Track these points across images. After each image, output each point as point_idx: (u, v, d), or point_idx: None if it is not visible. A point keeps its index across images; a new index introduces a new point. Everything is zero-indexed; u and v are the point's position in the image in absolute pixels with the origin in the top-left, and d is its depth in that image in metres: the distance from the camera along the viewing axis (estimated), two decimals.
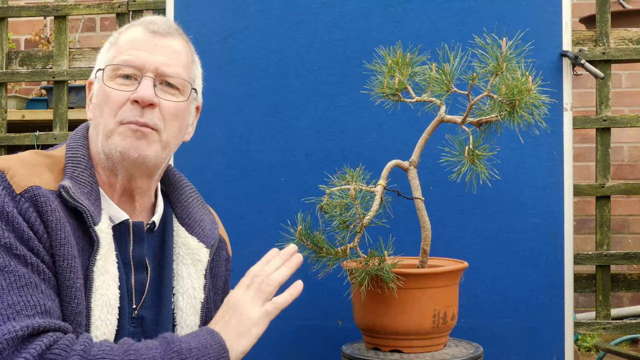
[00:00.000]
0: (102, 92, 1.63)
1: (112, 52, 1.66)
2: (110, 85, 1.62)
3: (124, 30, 1.70)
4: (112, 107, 1.61)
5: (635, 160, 4.31)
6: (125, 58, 1.63)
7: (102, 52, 1.70)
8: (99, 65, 1.68)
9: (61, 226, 1.50)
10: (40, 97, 3.88)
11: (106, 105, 1.62)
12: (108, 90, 1.62)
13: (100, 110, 1.63)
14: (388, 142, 2.46)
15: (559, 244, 2.44)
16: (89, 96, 1.70)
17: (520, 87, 1.87)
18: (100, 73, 1.66)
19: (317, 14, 2.52)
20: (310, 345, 2.46)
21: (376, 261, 1.91)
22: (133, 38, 1.66)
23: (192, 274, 1.75)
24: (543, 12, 2.46)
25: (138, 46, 1.64)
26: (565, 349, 2.43)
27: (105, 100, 1.62)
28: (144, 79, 1.62)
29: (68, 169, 1.59)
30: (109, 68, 1.64)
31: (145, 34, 1.66)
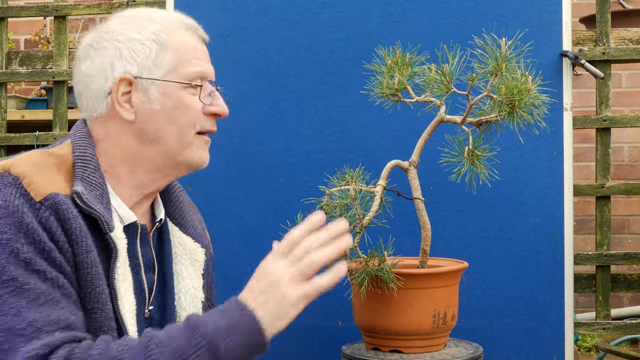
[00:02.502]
0: (176, 101, 1.59)
1: (169, 57, 1.60)
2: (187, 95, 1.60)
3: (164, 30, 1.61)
4: (192, 117, 1.60)
5: (635, 160, 4.31)
6: (198, 70, 1.61)
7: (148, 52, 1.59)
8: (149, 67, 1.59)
9: (84, 234, 1.47)
10: (40, 97, 3.88)
11: (183, 115, 1.59)
12: (187, 101, 1.60)
13: (172, 118, 1.59)
14: (388, 142, 2.46)
15: (559, 244, 2.44)
16: (121, 94, 1.59)
17: (520, 87, 1.87)
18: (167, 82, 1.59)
19: (317, 14, 2.52)
20: (310, 345, 2.46)
21: (376, 261, 1.91)
22: (191, 45, 1.63)
23: (191, 274, 1.74)
24: (543, 12, 2.46)
25: (200, 56, 1.64)
26: (565, 349, 2.43)
27: (183, 110, 1.59)
28: (216, 92, 1.64)
29: (78, 169, 1.54)
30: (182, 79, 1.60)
31: (198, 41, 1.65)
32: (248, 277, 2.56)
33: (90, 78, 1.60)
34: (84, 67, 1.61)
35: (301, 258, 1.47)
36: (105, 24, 1.64)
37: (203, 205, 1.97)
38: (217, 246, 1.89)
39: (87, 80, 1.61)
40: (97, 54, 1.60)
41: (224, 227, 2.45)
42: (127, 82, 1.58)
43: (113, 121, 1.60)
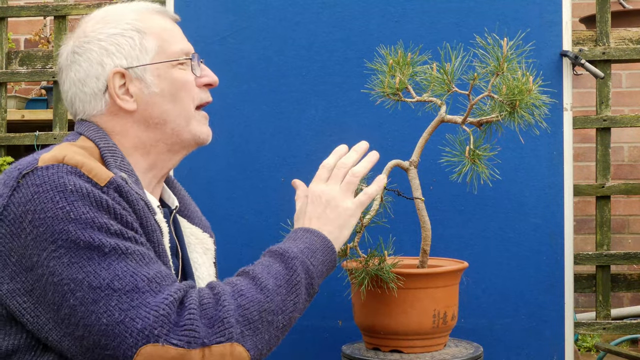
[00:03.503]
0: (171, 80, 1.63)
1: (152, 42, 1.63)
2: (178, 72, 1.65)
3: (139, 18, 1.65)
4: (190, 92, 1.65)
5: (635, 160, 4.31)
6: (182, 47, 1.67)
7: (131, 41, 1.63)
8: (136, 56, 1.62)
9: (147, 214, 1.51)
10: (40, 97, 3.88)
11: (183, 91, 1.64)
12: (181, 78, 1.64)
13: (172, 97, 1.63)
14: (388, 142, 2.46)
15: (559, 244, 2.44)
16: (118, 86, 1.62)
17: (520, 87, 1.87)
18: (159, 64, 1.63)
19: (317, 14, 2.52)
20: (310, 345, 2.46)
21: (376, 261, 1.91)
22: (167, 27, 1.68)
23: (205, 262, 1.78)
24: (543, 12, 2.46)
25: (177, 34, 1.69)
26: (565, 349, 2.43)
27: (179, 87, 1.64)
28: (201, 63, 1.69)
29: (109, 159, 1.56)
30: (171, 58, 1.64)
31: (171, 22, 1.70)
32: None
33: (82, 82, 1.63)
34: (73, 74, 1.63)
35: (342, 176, 1.68)
36: (78, 31, 1.67)
37: (203, 205, 1.97)
38: (220, 246, 1.89)
39: (79, 85, 1.63)
40: (84, 57, 1.63)
41: (224, 227, 2.45)
42: (120, 75, 1.61)
43: (114, 115, 1.63)
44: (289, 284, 1.49)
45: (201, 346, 1.36)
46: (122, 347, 1.35)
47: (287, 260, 1.51)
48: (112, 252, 1.39)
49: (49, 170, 1.43)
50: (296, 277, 1.50)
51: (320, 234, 1.60)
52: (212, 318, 1.39)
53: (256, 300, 1.44)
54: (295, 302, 1.50)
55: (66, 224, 1.39)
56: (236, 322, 1.40)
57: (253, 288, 1.45)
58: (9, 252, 1.42)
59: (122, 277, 1.38)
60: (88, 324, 1.37)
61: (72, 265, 1.38)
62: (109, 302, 1.36)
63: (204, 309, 1.39)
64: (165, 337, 1.34)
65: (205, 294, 1.42)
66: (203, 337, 1.36)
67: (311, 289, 1.55)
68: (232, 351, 1.38)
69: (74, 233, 1.39)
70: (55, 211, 1.39)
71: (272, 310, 1.45)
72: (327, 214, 1.64)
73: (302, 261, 1.53)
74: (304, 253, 1.54)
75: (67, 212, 1.40)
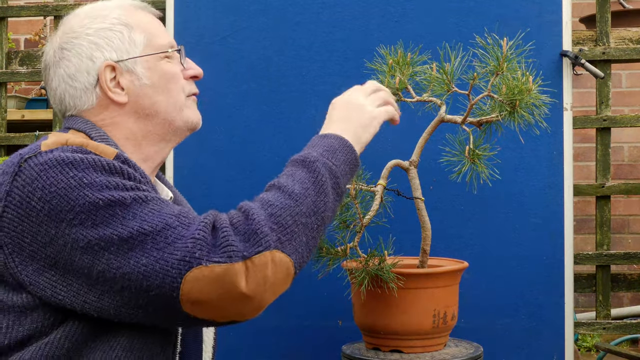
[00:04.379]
0: (161, 72, 1.66)
1: (140, 36, 1.66)
2: (167, 64, 1.68)
3: (124, 13, 1.68)
4: (179, 83, 1.69)
5: (635, 160, 4.31)
6: (169, 41, 1.70)
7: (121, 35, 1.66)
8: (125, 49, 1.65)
9: (154, 187, 1.53)
10: (40, 97, 3.87)
11: (171, 83, 1.67)
12: (169, 69, 1.68)
13: (163, 88, 1.66)
14: (388, 141, 2.46)
15: (559, 244, 2.44)
16: (109, 79, 1.64)
17: (520, 87, 1.87)
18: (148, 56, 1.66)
19: (317, 14, 2.52)
20: (310, 345, 2.46)
21: (376, 261, 1.91)
22: (150, 21, 1.71)
23: None
24: (543, 11, 2.46)
25: (161, 28, 1.72)
26: (565, 349, 2.43)
27: (169, 79, 1.67)
28: (187, 58, 1.72)
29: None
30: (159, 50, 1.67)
31: (153, 17, 1.73)
32: None
33: (72, 77, 1.64)
34: (63, 70, 1.64)
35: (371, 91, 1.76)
36: (63, 28, 1.68)
37: (203, 205, 1.96)
38: None
39: (69, 80, 1.64)
40: (73, 52, 1.64)
41: None
42: (111, 69, 1.63)
43: (104, 109, 1.64)
44: (315, 186, 1.51)
45: (242, 259, 1.37)
46: (167, 282, 1.35)
47: (309, 164, 1.54)
48: (133, 202, 1.41)
49: (54, 152, 1.44)
50: (321, 178, 1.53)
51: (336, 135, 1.64)
52: (245, 233, 1.40)
53: (286, 206, 1.45)
54: (325, 202, 1.51)
55: (81, 190, 1.40)
56: (270, 230, 1.41)
57: (281, 196, 1.47)
58: (21, 234, 1.41)
59: (150, 220, 1.39)
60: (126, 272, 1.37)
61: (96, 226, 1.38)
62: (144, 246, 1.37)
63: (236, 227, 1.40)
64: (207, 258, 1.35)
65: (233, 215, 1.44)
66: (242, 250, 1.37)
67: (338, 188, 1.56)
68: (273, 258, 1.40)
69: (91, 196, 1.39)
70: (67, 181, 1.40)
71: (304, 213, 1.47)
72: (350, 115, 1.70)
73: (323, 163, 1.55)
74: (324, 155, 1.58)
75: (80, 179, 1.40)
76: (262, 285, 1.39)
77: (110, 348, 1.44)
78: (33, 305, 1.43)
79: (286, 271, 1.43)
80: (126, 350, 1.44)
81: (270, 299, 1.44)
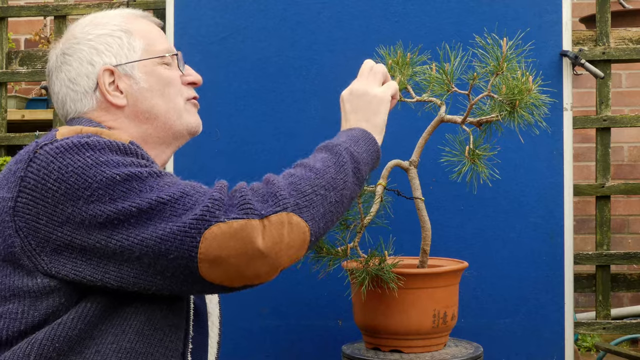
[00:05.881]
0: (158, 77, 1.70)
1: (139, 40, 1.70)
2: (165, 70, 1.71)
3: (125, 21, 1.72)
4: (176, 88, 1.72)
5: (635, 160, 4.31)
6: (167, 47, 1.73)
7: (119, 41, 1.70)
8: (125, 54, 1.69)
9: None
10: (40, 97, 3.87)
11: (169, 88, 1.70)
12: (168, 75, 1.71)
13: (160, 92, 1.69)
14: (388, 142, 2.46)
15: (559, 243, 2.44)
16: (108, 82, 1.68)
17: (520, 87, 1.87)
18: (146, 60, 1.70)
19: (317, 14, 2.52)
20: (310, 345, 2.46)
21: (376, 261, 1.91)
22: (152, 29, 1.75)
23: None
24: (543, 11, 2.46)
25: (160, 35, 1.75)
26: (565, 349, 2.43)
27: (167, 84, 1.70)
28: (185, 63, 1.76)
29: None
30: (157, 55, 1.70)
31: (153, 25, 1.76)
32: None
33: (72, 81, 1.69)
34: (64, 74, 1.70)
35: (367, 73, 1.82)
36: (66, 35, 1.74)
37: None
38: None
39: (70, 84, 1.69)
40: (74, 58, 1.69)
41: None
42: (110, 73, 1.67)
43: (106, 111, 1.68)
44: (336, 165, 1.56)
45: (259, 217, 1.41)
46: (186, 242, 1.39)
47: (332, 148, 1.60)
48: (149, 176, 1.44)
49: (70, 138, 1.48)
50: (342, 159, 1.58)
51: (358, 127, 1.72)
52: (264, 195, 1.44)
53: (306, 177, 1.50)
54: (344, 181, 1.56)
55: (98, 168, 1.43)
56: (289, 194, 1.45)
57: (302, 169, 1.53)
58: (36, 217, 1.44)
59: (168, 190, 1.43)
60: (145, 239, 1.40)
61: (114, 200, 1.41)
62: (162, 215, 1.40)
63: (255, 190, 1.45)
64: (225, 215, 1.39)
65: (254, 183, 1.49)
66: (259, 209, 1.41)
67: (358, 173, 1.61)
68: (289, 220, 1.43)
69: (108, 172, 1.43)
70: (84, 161, 1.44)
71: (323, 186, 1.51)
72: (359, 105, 1.76)
73: (345, 147, 1.61)
74: (347, 142, 1.64)
75: (96, 158, 1.44)
76: (278, 244, 1.42)
77: (122, 332, 1.46)
78: (49, 289, 1.46)
79: (302, 236, 1.46)
80: (138, 334, 1.47)
81: (285, 262, 1.45)
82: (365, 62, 1.85)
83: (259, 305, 2.47)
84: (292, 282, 2.43)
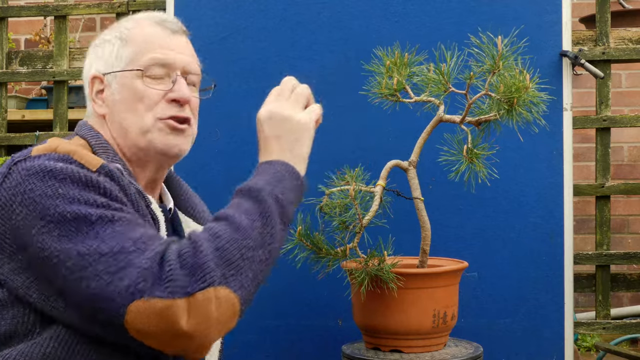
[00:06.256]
0: (132, 90, 1.63)
1: (129, 50, 1.65)
2: (142, 83, 1.63)
3: (132, 27, 1.68)
4: (147, 105, 1.63)
5: (635, 160, 4.31)
6: (155, 56, 1.64)
7: (111, 48, 1.67)
8: (112, 62, 1.66)
9: (139, 198, 1.53)
10: (40, 97, 3.88)
11: (140, 103, 1.63)
12: (140, 88, 1.63)
13: (129, 106, 1.63)
14: (387, 142, 2.46)
15: (559, 243, 2.44)
16: (95, 91, 1.68)
17: (518, 84, 1.87)
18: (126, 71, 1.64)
19: (317, 14, 2.52)
20: (310, 345, 2.46)
21: (376, 261, 1.92)
22: (153, 36, 1.67)
23: None
24: (543, 11, 2.46)
25: (163, 45, 1.66)
26: (565, 349, 2.43)
27: (139, 98, 1.63)
28: (178, 78, 1.65)
29: (101, 154, 1.59)
30: (139, 66, 1.63)
31: (164, 32, 1.68)
32: None
33: (84, 83, 1.72)
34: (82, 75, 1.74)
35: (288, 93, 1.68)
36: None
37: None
38: None
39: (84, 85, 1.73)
40: (85, 61, 1.73)
41: None
42: (99, 80, 1.67)
43: (98, 118, 1.68)
44: (262, 217, 1.47)
45: (185, 295, 1.35)
46: (113, 308, 1.36)
47: (255, 194, 1.50)
48: (98, 220, 1.41)
49: (41, 158, 1.47)
50: (268, 209, 1.48)
51: (281, 162, 1.58)
52: (192, 266, 1.37)
53: (233, 240, 1.42)
54: (272, 234, 1.47)
55: (54, 200, 1.41)
56: (216, 265, 1.38)
57: (228, 228, 1.44)
58: (3, 234, 1.45)
59: (109, 241, 1.39)
60: (81, 290, 1.38)
61: (61, 237, 1.40)
62: (96, 267, 1.37)
63: (183, 259, 1.38)
64: (149, 291, 1.35)
65: (184, 245, 1.41)
66: (185, 286, 1.35)
67: (285, 217, 1.52)
68: (217, 295, 1.37)
69: (61, 207, 1.41)
70: (44, 189, 1.43)
71: (250, 247, 1.43)
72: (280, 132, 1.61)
73: (269, 192, 1.50)
74: (270, 183, 1.52)
75: (56, 189, 1.42)
76: (204, 323, 1.37)
77: (100, 354, 1.44)
78: (10, 300, 1.46)
79: (232, 308, 1.40)
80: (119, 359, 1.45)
81: (215, 337, 1.40)
82: (286, 80, 1.72)
83: (259, 305, 2.47)
84: (292, 282, 2.43)
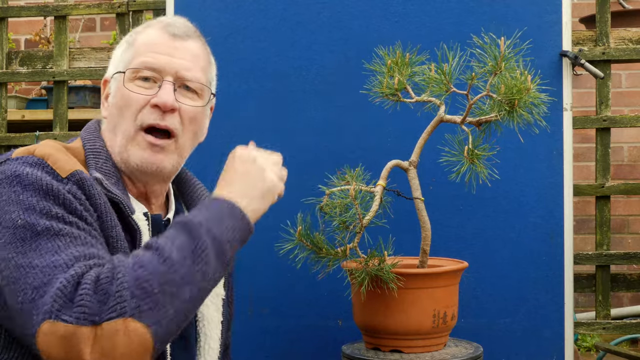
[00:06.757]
0: (121, 94, 1.62)
1: (130, 53, 1.65)
2: (129, 87, 1.61)
3: (141, 31, 1.68)
4: (132, 109, 1.61)
5: (635, 160, 4.31)
6: (145, 60, 1.62)
7: (119, 51, 1.69)
8: (116, 65, 1.67)
9: (109, 210, 1.51)
10: (40, 97, 3.88)
11: (126, 108, 1.61)
12: (127, 93, 1.61)
13: (119, 111, 1.62)
14: (388, 142, 2.46)
15: (559, 243, 2.44)
16: (104, 94, 1.70)
17: (519, 86, 1.87)
18: (118, 74, 1.65)
19: (317, 14, 2.52)
20: (310, 345, 2.46)
21: (376, 261, 1.91)
22: (152, 40, 1.65)
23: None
24: (543, 12, 2.46)
25: (157, 49, 1.64)
26: (565, 349, 2.42)
27: (125, 103, 1.61)
28: (164, 83, 1.62)
29: (90, 160, 1.58)
30: (129, 70, 1.62)
31: (164, 37, 1.65)
32: (252, 275, 2.57)
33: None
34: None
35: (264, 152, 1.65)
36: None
37: None
38: None
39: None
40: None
41: None
42: (107, 83, 1.70)
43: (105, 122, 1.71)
44: (194, 254, 1.40)
45: (92, 324, 1.30)
46: (28, 325, 1.34)
47: (192, 229, 1.42)
48: (43, 232, 1.39)
49: (16, 161, 1.47)
50: (202, 245, 1.41)
51: (227, 201, 1.51)
52: (106, 293, 1.31)
53: (157, 272, 1.35)
54: (204, 272, 1.40)
55: (14, 206, 1.42)
56: (131, 296, 1.32)
57: (155, 259, 1.36)
58: None
59: (45, 255, 1.37)
60: (12, 302, 1.37)
61: (6, 245, 1.40)
62: (26, 280, 1.35)
63: (99, 285, 1.32)
64: (57, 314, 1.31)
65: (105, 269, 1.35)
66: (94, 314, 1.30)
67: (222, 256, 1.45)
68: (126, 327, 1.31)
69: (16, 214, 1.41)
70: (9, 195, 1.43)
71: (176, 282, 1.36)
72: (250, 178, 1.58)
73: (207, 229, 1.43)
74: (210, 221, 1.45)
75: (18, 195, 1.43)
76: (108, 355, 1.31)
77: None
78: None
79: (142, 343, 1.32)
80: None
81: None
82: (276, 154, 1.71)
83: (259, 305, 2.47)
84: (292, 282, 2.43)
